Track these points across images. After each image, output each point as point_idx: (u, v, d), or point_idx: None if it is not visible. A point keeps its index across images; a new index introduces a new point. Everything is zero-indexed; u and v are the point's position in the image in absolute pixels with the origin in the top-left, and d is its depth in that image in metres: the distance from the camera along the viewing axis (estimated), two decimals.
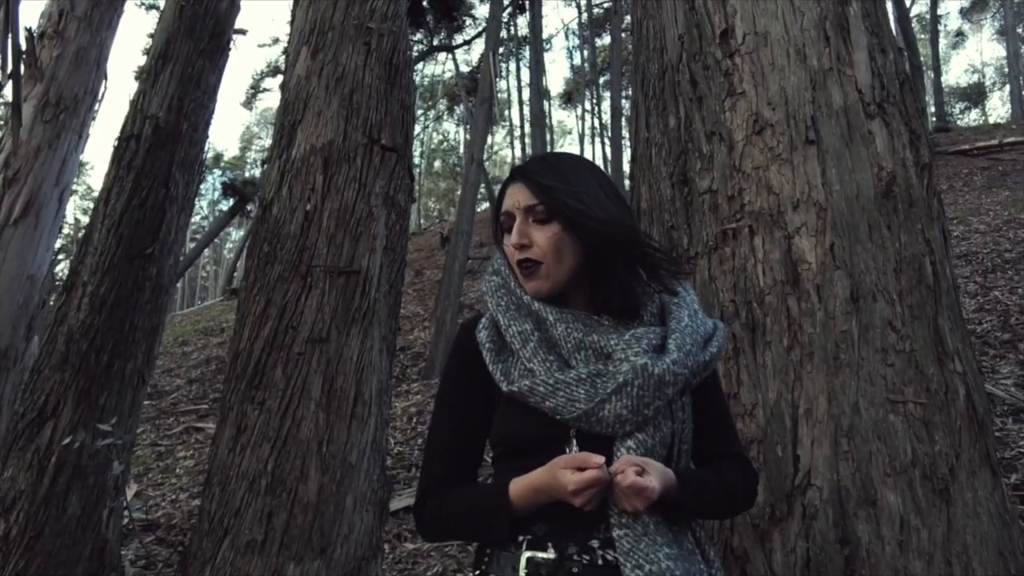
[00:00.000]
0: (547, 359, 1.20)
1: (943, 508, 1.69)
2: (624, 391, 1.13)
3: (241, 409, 3.06)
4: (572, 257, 1.23)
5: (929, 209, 2.00)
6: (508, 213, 1.27)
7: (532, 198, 1.24)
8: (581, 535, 1.12)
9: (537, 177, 1.24)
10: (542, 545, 1.12)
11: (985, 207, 12.14)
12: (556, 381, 1.16)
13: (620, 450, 1.14)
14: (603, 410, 1.13)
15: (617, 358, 1.17)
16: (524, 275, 1.24)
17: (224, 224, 20.58)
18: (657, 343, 1.20)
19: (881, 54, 2.13)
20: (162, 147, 4.77)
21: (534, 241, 1.23)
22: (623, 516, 1.10)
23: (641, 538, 1.09)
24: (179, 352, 16.31)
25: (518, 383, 1.19)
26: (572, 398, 1.15)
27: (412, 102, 3.78)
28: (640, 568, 1.06)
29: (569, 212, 1.21)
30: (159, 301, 4.75)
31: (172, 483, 7.92)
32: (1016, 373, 6.30)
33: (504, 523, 1.15)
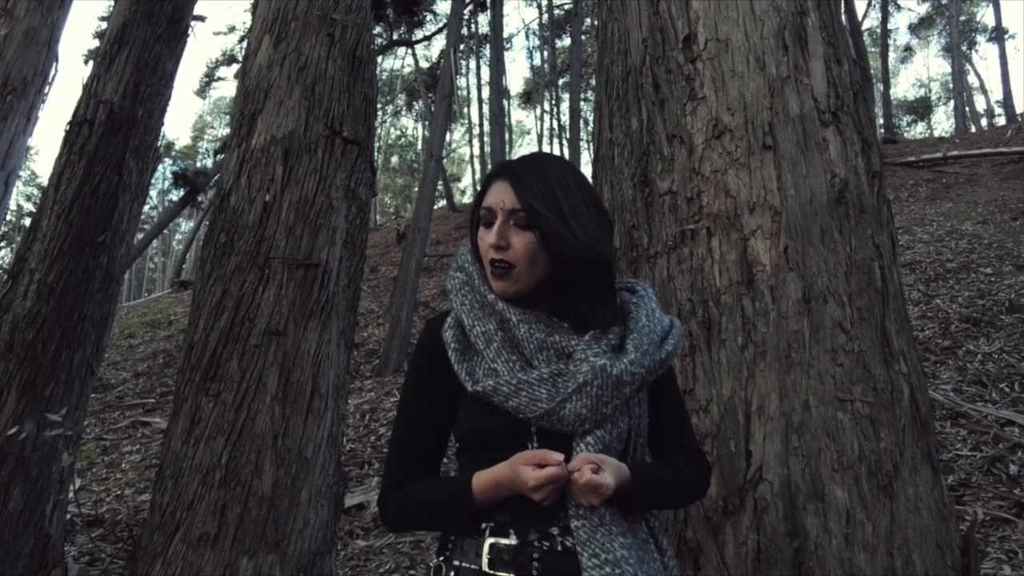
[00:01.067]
0: (510, 359, 1.22)
1: (887, 503, 1.76)
2: (584, 391, 1.16)
3: (195, 401, 3.02)
4: (544, 267, 1.25)
5: (879, 215, 2.08)
6: (491, 209, 1.27)
7: (517, 203, 1.24)
8: (542, 523, 1.15)
9: (525, 182, 1.25)
10: (504, 532, 1.15)
11: (929, 218, 12.56)
12: (519, 381, 1.19)
13: (579, 446, 1.17)
14: (564, 409, 1.16)
15: (577, 358, 1.20)
16: (495, 274, 1.26)
17: (174, 215, 20.15)
18: (616, 343, 1.24)
19: (836, 64, 2.20)
20: (116, 133, 4.66)
21: (511, 244, 1.24)
22: (580, 508, 1.13)
23: (597, 528, 1.12)
24: (125, 345, 15.91)
25: (482, 383, 1.21)
26: (534, 398, 1.17)
27: (375, 95, 3.77)
28: (596, 557, 1.09)
29: (548, 229, 1.22)
30: (110, 291, 4.64)
31: (117, 478, 7.74)
32: (955, 379, 6.54)
33: (467, 515, 1.17)
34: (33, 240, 4.45)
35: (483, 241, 1.28)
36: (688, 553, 1.76)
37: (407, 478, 1.26)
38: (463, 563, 1.15)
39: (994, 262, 9.46)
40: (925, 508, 1.81)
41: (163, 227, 19.49)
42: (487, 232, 1.27)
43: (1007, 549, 4.03)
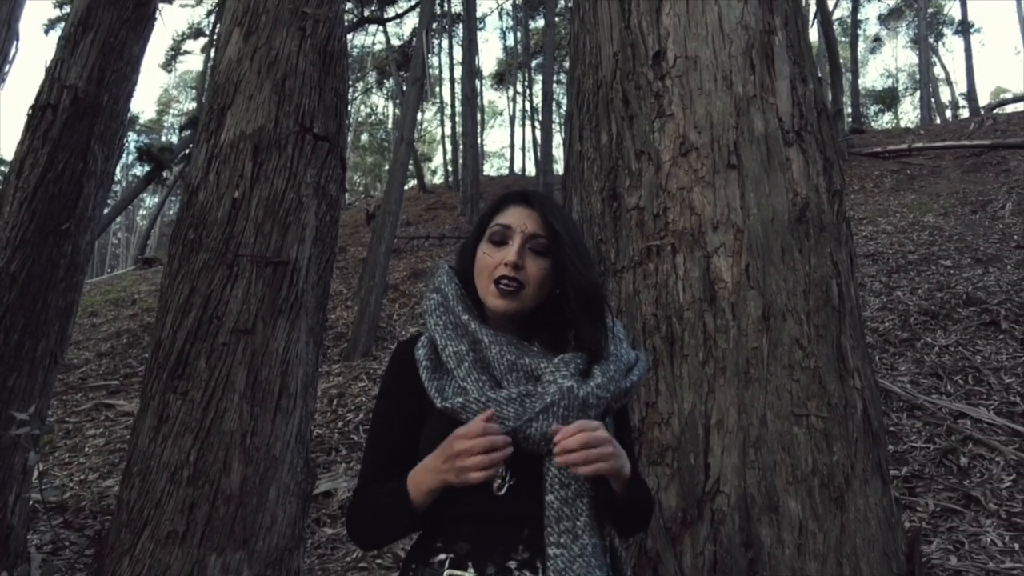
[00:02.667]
0: (480, 379, 1.26)
1: (838, 514, 1.84)
2: (550, 410, 1.20)
3: (163, 399, 3.01)
4: (546, 293, 1.33)
5: (838, 233, 2.14)
6: (509, 227, 1.33)
7: (540, 229, 1.32)
8: (499, 557, 1.19)
9: (549, 214, 1.33)
10: (463, 564, 1.19)
11: (893, 208, 12.80)
12: (487, 399, 1.22)
13: (551, 469, 1.21)
14: (530, 428, 1.20)
15: (546, 380, 1.25)
16: (502, 292, 1.30)
17: (139, 191, 19.79)
18: (583, 368, 1.28)
19: (802, 83, 2.25)
20: (81, 119, 4.58)
21: (526, 268, 1.30)
22: (562, 536, 1.17)
23: (576, 559, 1.16)
24: (88, 324, 15.64)
25: (451, 400, 1.24)
26: (502, 416, 1.21)
27: (346, 90, 3.75)
28: None
29: (566, 259, 1.30)
30: (74, 279, 4.59)
31: (81, 463, 7.65)
32: (912, 371, 6.73)
33: (404, 508, 1.20)
34: None
35: (490, 257, 1.32)
36: (648, 563, 1.82)
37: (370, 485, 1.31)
38: None
39: (954, 255, 9.69)
40: (874, 518, 1.89)
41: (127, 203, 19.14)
42: (496, 249, 1.32)
43: (955, 540, 4.19)
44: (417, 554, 1.24)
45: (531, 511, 1.20)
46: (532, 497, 1.21)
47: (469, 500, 1.22)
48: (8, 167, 4.71)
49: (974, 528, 4.29)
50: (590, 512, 1.20)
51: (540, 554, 1.18)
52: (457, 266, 1.41)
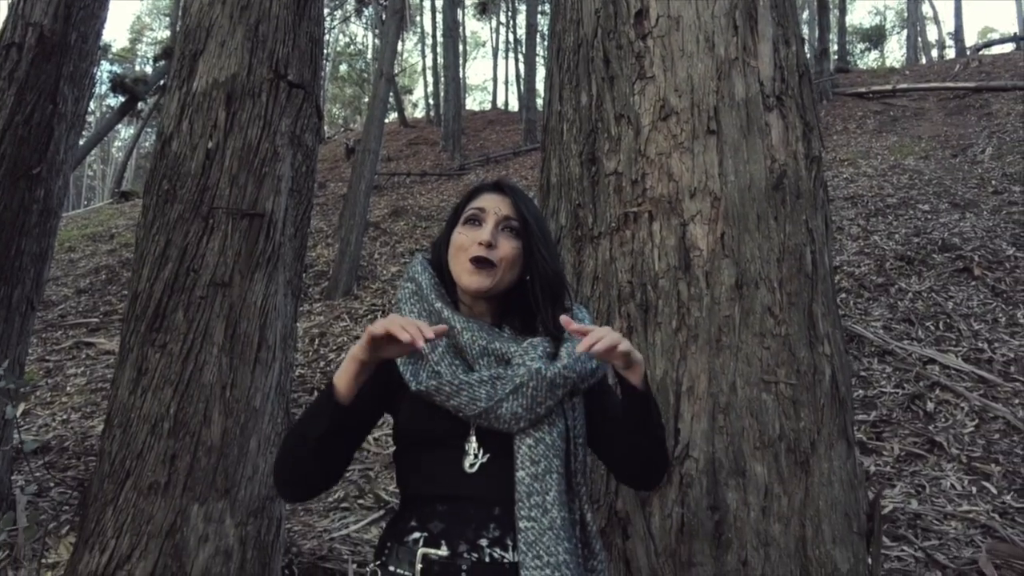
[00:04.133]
0: (453, 363, 1.31)
1: (802, 477, 1.91)
2: (520, 391, 1.26)
3: (141, 351, 3.02)
4: (516, 274, 1.39)
5: (815, 200, 2.15)
6: (483, 210, 1.40)
7: (513, 212, 1.40)
8: (472, 534, 1.24)
9: (520, 201, 1.43)
10: (436, 543, 1.24)
11: (875, 151, 12.80)
12: (460, 382, 1.28)
13: (521, 447, 1.26)
14: (501, 408, 1.26)
15: (515, 363, 1.31)
16: (475, 269, 1.36)
17: (113, 123, 19.31)
18: (551, 351, 1.35)
19: (785, 46, 2.22)
20: (48, 59, 4.44)
21: (499, 247, 1.37)
22: (532, 510, 1.22)
23: (546, 532, 1.21)
24: (66, 259, 15.45)
25: (425, 383, 1.29)
26: (474, 397, 1.26)
27: (321, 35, 3.65)
28: (539, 559, 1.19)
29: (534, 243, 1.39)
30: (48, 224, 4.52)
31: (63, 402, 7.68)
32: (885, 316, 6.86)
33: (326, 400, 1.23)
34: None
35: (465, 237, 1.39)
36: (617, 523, 1.88)
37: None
38: (398, 569, 1.24)
39: (932, 199, 9.76)
40: (837, 481, 1.96)
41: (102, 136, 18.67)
42: (471, 230, 1.39)
43: (916, 484, 4.36)
44: (392, 533, 1.29)
45: (501, 491, 1.25)
46: (502, 476, 1.26)
47: (442, 481, 1.27)
48: None
49: (936, 472, 4.46)
50: (559, 488, 1.26)
51: (510, 532, 1.24)
52: (432, 257, 1.47)
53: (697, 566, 1.81)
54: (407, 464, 1.34)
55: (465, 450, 1.28)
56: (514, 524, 1.23)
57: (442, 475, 1.27)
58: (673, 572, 1.81)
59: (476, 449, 1.27)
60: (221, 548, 2.92)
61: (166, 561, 2.83)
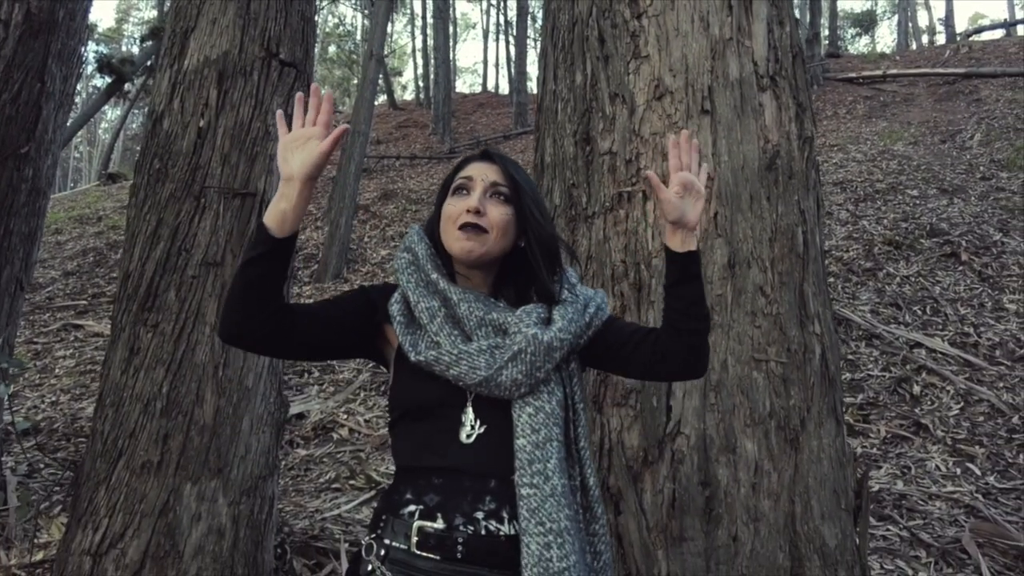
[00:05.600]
0: (452, 333, 1.32)
1: (792, 454, 1.93)
2: (519, 358, 1.27)
3: (133, 331, 3.01)
4: (509, 241, 1.39)
5: (807, 180, 2.17)
6: (471, 179, 1.39)
7: (501, 179, 1.39)
8: (467, 507, 1.25)
9: (511, 169, 1.41)
10: (432, 516, 1.24)
11: (864, 136, 12.84)
12: (459, 352, 1.28)
13: (522, 415, 1.27)
14: (501, 375, 1.26)
15: (512, 331, 1.31)
16: (465, 235, 1.35)
17: (100, 104, 19.10)
18: (545, 316, 1.36)
19: (779, 26, 2.23)
20: (36, 36, 4.37)
21: (488, 213, 1.35)
22: (534, 477, 1.23)
23: (548, 498, 1.22)
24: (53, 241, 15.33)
25: (425, 353, 1.29)
26: (474, 366, 1.27)
27: (313, 13, 3.62)
28: (542, 525, 1.20)
29: (527, 209, 1.38)
30: (36, 204, 4.48)
31: (52, 384, 7.65)
32: (873, 300, 6.91)
33: (260, 231, 1.23)
34: None
35: (453, 207, 1.37)
36: (610, 499, 1.91)
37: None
38: (393, 542, 1.24)
39: (920, 184, 9.81)
40: (826, 458, 1.99)
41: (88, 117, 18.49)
42: (460, 199, 1.38)
43: (902, 465, 4.42)
44: (387, 505, 1.30)
45: (497, 463, 1.26)
46: (499, 448, 1.26)
47: (438, 452, 1.27)
48: None
49: (921, 454, 4.52)
50: (559, 455, 1.26)
51: (506, 504, 1.24)
52: (427, 228, 1.45)
53: (688, 541, 1.83)
54: (403, 435, 1.34)
55: (461, 421, 1.28)
56: (510, 497, 1.24)
57: (438, 446, 1.28)
58: (665, 547, 1.83)
59: (473, 420, 1.28)
60: (214, 527, 2.93)
61: (159, 539, 2.84)
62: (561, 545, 1.18)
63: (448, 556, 1.21)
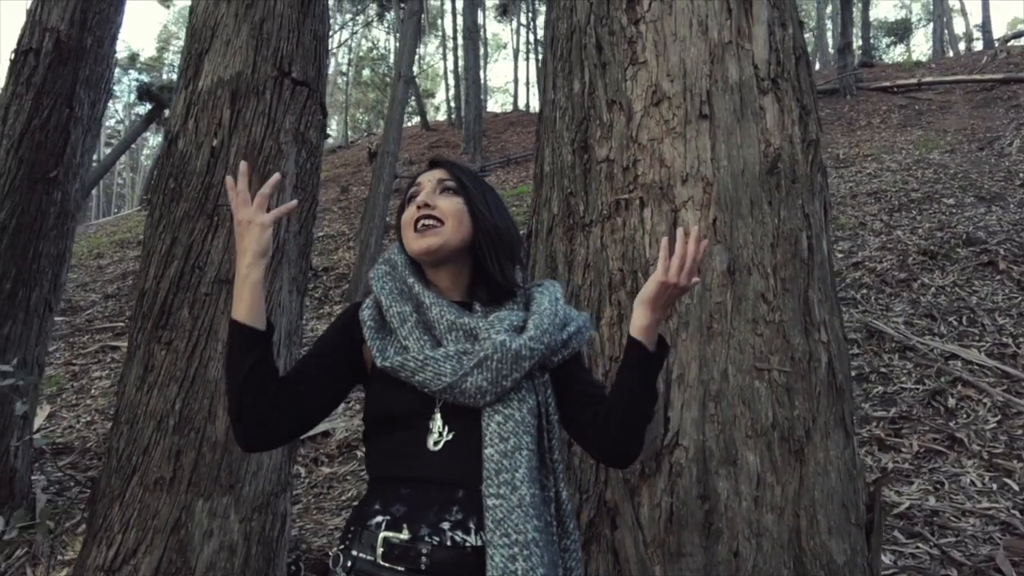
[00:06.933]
0: (421, 338, 1.30)
1: (797, 467, 1.87)
2: (485, 364, 1.24)
3: (148, 348, 3.05)
4: (467, 230, 1.37)
5: (811, 184, 2.11)
6: (419, 184, 1.42)
7: (447, 175, 1.41)
8: (433, 518, 1.21)
9: (455, 167, 1.44)
10: (398, 527, 1.21)
11: (899, 145, 12.60)
12: (426, 357, 1.26)
13: (490, 424, 1.24)
14: (466, 382, 1.23)
15: (482, 337, 1.29)
16: (421, 232, 1.35)
17: (140, 131, 19.63)
18: (518, 324, 1.33)
19: (781, 28, 2.19)
20: (64, 63, 4.51)
21: (438, 205, 1.36)
22: (501, 487, 1.19)
23: (514, 509, 1.18)
24: (94, 265, 15.73)
25: (392, 359, 1.28)
26: (439, 372, 1.24)
27: (326, 32, 3.67)
28: (507, 536, 1.16)
29: (473, 201, 1.39)
30: (65, 227, 4.59)
31: (87, 404, 7.80)
32: (907, 312, 6.73)
33: (233, 328, 1.27)
34: None
35: (408, 213, 1.39)
36: (607, 513, 1.86)
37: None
38: (360, 553, 1.21)
39: (957, 193, 9.58)
40: (834, 470, 1.91)
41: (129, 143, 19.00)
42: (413, 204, 1.40)
43: (935, 480, 4.27)
44: (357, 516, 1.28)
45: (465, 472, 1.23)
46: (467, 457, 1.23)
47: (406, 462, 1.25)
48: None
49: (956, 469, 4.36)
50: (529, 464, 1.22)
51: (473, 515, 1.21)
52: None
53: (686, 556, 1.78)
54: (373, 445, 1.32)
55: (429, 428, 1.26)
56: (478, 508, 1.20)
57: (406, 456, 1.25)
58: (662, 562, 1.78)
59: (441, 427, 1.25)
60: (225, 543, 2.93)
61: (171, 556, 2.84)
62: (527, 557, 1.14)
63: (413, 568, 1.18)
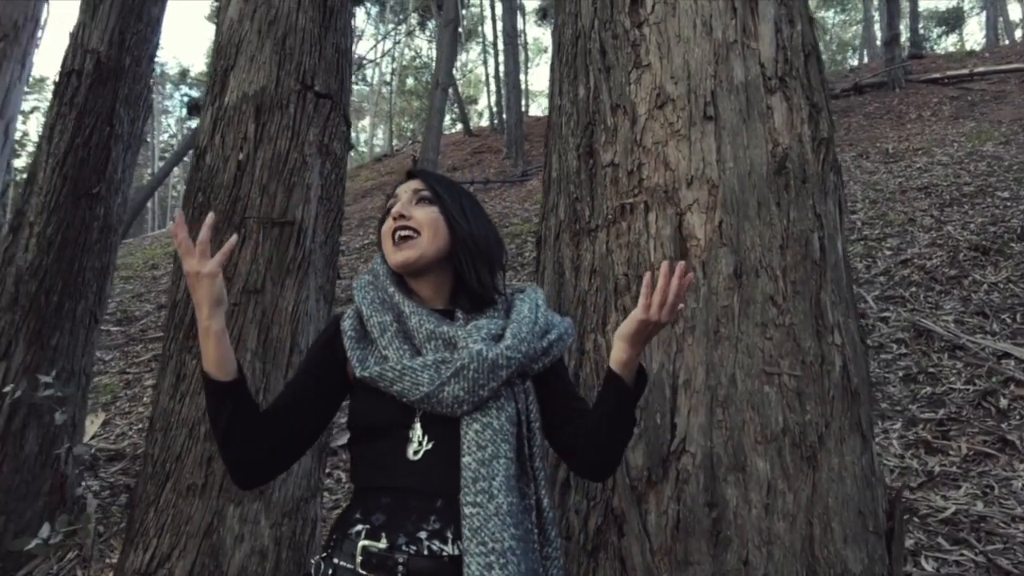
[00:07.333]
0: (401, 347, 1.31)
1: (809, 473, 1.82)
2: (461, 374, 1.24)
3: (180, 358, 3.14)
4: (444, 239, 1.38)
5: (823, 184, 2.06)
6: (396, 196, 1.44)
7: (422, 185, 1.43)
8: (411, 527, 1.22)
9: (429, 177, 1.46)
10: (377, 536, 1.23)
11: (950, 138, 12.20)
12: (404, 367, 1.27)
13: (468, 432, 1.25)
14: (443, 392, 1.24)
15: (460, 346, 1.29)
16: (398, 244, 1.37)
17: (191, 144, 20.15)
18: (497, 332, 1.33)
19: (788, 25, 2.15)
20: (104, 83, 4.67)
21: (414, 216, 1.38)
22: (477, 496, 1.20)
23: (491, 518, 1.18)
24: (149, 276, 16.19)
25: (371, 369, 1.29)
26: (416, 382, 1.25)
27: (348, 45, 3.72)
28: (483, 545, 1.16)
29: (448, 210, 1.40)
30: (108, 240, 4.75)
31: (139, 412, 8.03)
32: (957, 309, 6.51)
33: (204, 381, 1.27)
34: (31, 193, 4.54)
35: (386, 225, 1.42)
36: (614, 520, 1.84)
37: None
38: (341, 562, 1.23)
39: (1012, 185, 9.23)
40: (850, 476, 1.87)
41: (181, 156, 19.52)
42: (390, 216, 1.42)
43: (984, 484, 4.11)
44: (339, 525, 1.30)
45: (444, 482, 1.23)
46: (447, 466, 1.24)
47: (387, 471, 1.26)
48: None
49: (1007, 472, 4.19)
50: (507, 473, 1.22)
51: (451, 524, 1.22)
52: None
53: (694, 565, 1.75)
54: (356, 454, 1.34)
55: (409, 438, 1.27)
56: (456, 517, 1.21)
57: (387, 465, 1.27)
58: (670, 570, 1.76)
59: (420, 436, 1.26)
60: (256, 548, 3.00)
61: (204, 560, 2.92)
62: (504, 566, 1.14)
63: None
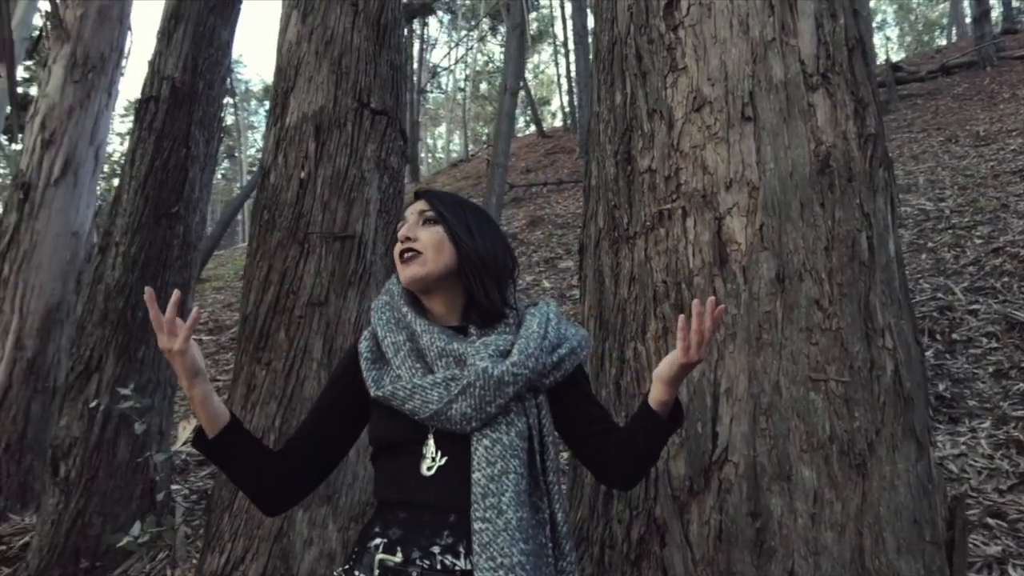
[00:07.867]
0: (414, 366, 1.34)
1: (859, 482, 1.77)
2: (468, 392, 1.27)
3: (250, 369, 3.28)
4: (449, 256, 1.41)
5: (871, 181, 1.99)
6: (405, 218, 1.49)
7: (427, 206, 1.46)
8: (425, 541, 1.26)
9: (434, 197, 1.48)
10: (392, 549, 1.27)
11: None
12: (414, 386, 1.30)
13: (478, 448, 1.27)
14: (451, 409, 1.27)
15: (469, 363, 1.31)
16: (404, 262, 1.41)
17: None
18: (505, 348, 1.34)
19: (831, 19, 2.08)
20: (180, 107, 4.92)
21: (419, 237, 1.42)
22: (487, 511, 1.22)
23: (500, 533, 1.21)
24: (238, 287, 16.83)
25: (384, 388, 1.33)
26: (427, 400, 1.29)
27: (402, 61, 3.81)
28: (493, 560, 1.18)
29: (452, 229, 1.42)
30: (188, 257, 5.00)
31: None
32: None
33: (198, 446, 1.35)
34: (116, 215, 4.83)
35: (396, 246, 1.45)
36: (656, 531, 1.83)
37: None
38: (360, 574, 1.28)
39: None
40: (903, 484, 1.80)
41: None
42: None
43: None
44: (361, 538, 1.34)
45: (457, 497, 1.26)
46: (460, 482, 1.26)
47: (403, 486, 1.30)
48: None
49: None
50: (517, 488, 1.24)
51: (463, 539, 1.24)
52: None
53: (737, 575, 1.72)
54: (378, 471, 1.39)
55: (423, 454, 1.30)
56: (468, 532, 1.23)
57: (402, 481, 1.30)
58: None
59: (434, 452, 1.29)
60: (324, 551, 3.10)
61: (275, 563, 3.04)
62: None
63: None
